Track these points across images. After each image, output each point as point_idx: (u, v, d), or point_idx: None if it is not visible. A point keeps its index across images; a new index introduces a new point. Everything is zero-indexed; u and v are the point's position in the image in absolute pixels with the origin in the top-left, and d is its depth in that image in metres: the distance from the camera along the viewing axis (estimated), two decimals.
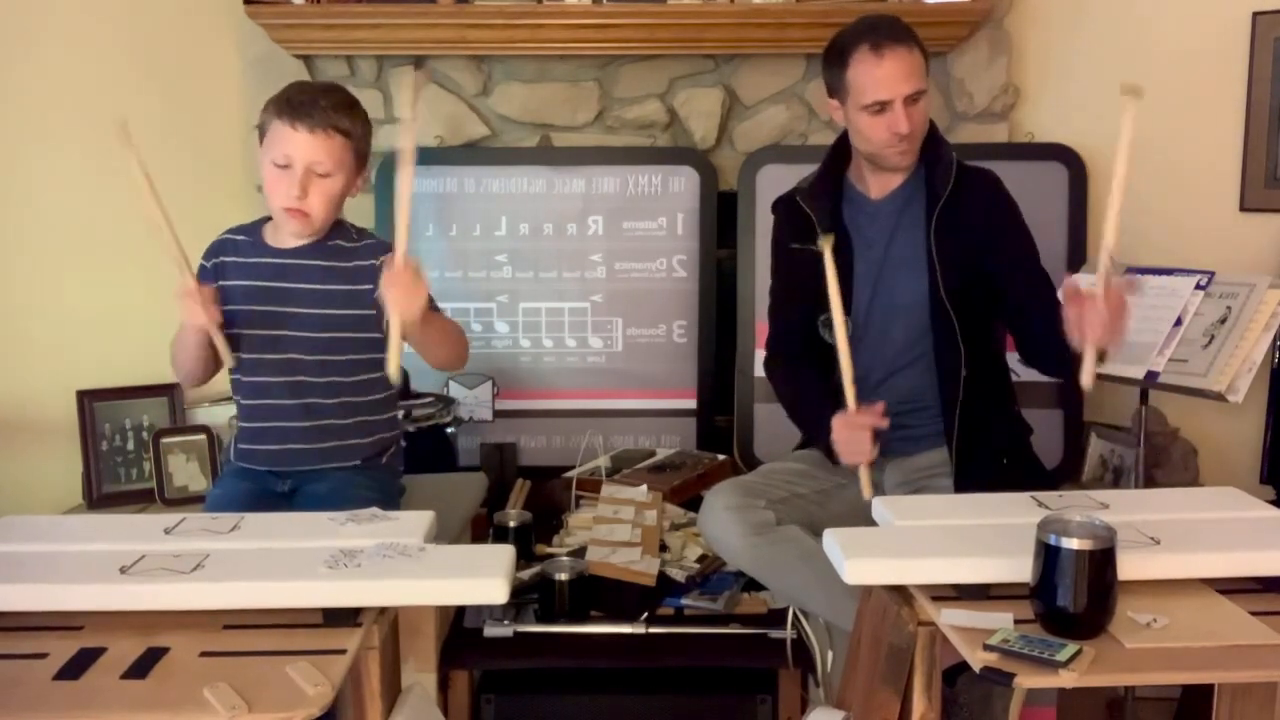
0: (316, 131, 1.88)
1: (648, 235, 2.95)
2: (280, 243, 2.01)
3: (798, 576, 1.98)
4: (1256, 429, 2.79)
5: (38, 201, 2.82)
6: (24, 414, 2.82)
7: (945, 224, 2.03)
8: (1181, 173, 2.90)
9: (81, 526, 1.69)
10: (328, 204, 1.93)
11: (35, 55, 2.77)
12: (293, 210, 1.91)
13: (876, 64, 1.97)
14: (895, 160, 2.05)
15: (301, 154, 1.88)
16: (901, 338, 2.09)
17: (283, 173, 1.90)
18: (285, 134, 1.88)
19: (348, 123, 1.92)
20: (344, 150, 1.92)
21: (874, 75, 1.98)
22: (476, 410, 2.86)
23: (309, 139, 1.88)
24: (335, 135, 1.90)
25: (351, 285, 1.98)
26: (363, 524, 1.61)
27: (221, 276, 2.02)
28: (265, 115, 1.93)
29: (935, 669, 1.46)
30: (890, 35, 1.98)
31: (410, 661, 1.93)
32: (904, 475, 2.12)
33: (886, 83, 1.97)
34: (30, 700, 1.23)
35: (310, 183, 1.90)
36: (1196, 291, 2.23)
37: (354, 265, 1.98)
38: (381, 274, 1.72)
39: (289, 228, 1.96)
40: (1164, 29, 2.87)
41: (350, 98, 1.97)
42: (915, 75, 1.98)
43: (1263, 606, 1.40)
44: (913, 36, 2.01)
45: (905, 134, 1.98)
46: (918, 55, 2.00)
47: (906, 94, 1.97)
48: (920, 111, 2.01)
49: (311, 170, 1.89)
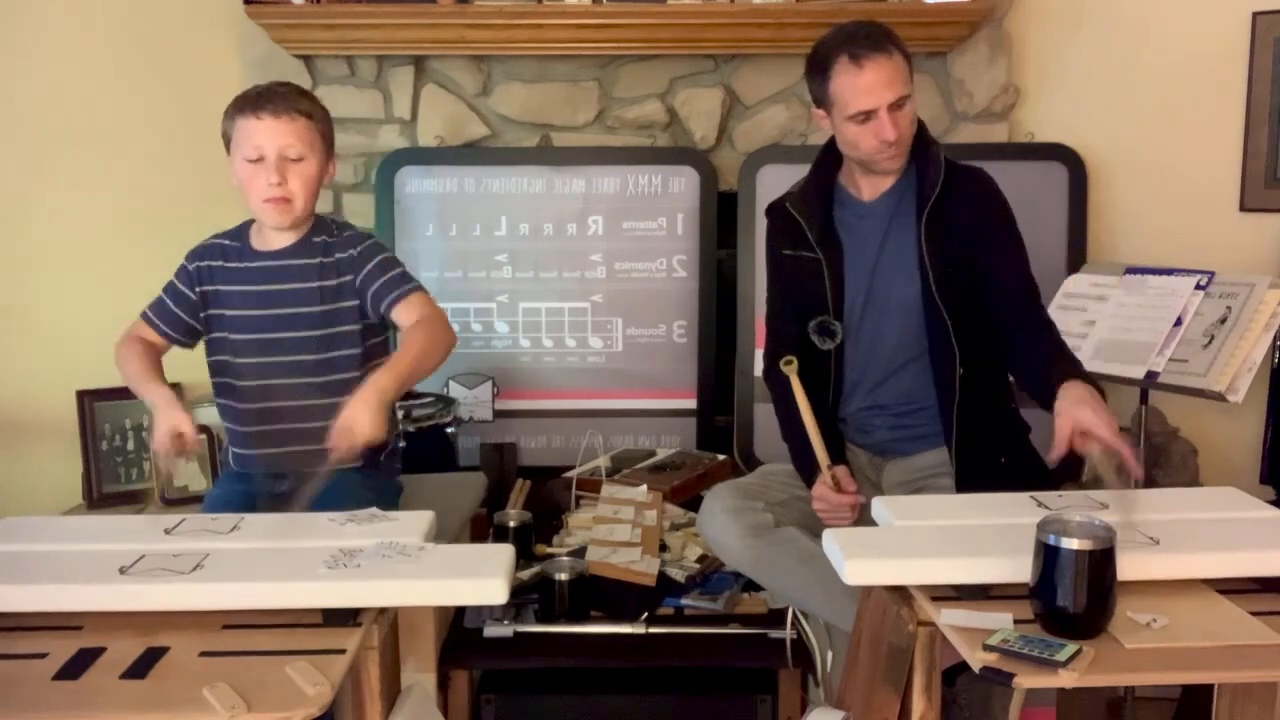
0: (281, 116, 1.91)
1: (648, 235, 2.95)
2: (266, 245, 2.02)
3: (797, 578, 1.98)
4: (1256, 429, 2.79)
5: (38, 202, 2.82)
6: (24, 414, 2.82)
7: (935, 224, 2.02)
8: (1181, 173, 2.90)
9: (81, 526, 1.69)
10: (306, 188, 1.95)
11: (35, 55, 2.77)
12: (274, 200, 1.92)
13: (858, 74, 1.95)
14: (886, 165, 2.05)
15: (271, 141, 1.91)
16: (897, 339, 2.09)
17: (257, 166, 1.92)
18: (252, 126, 1.91)
19: (308, 104, 1.97)
20: (310, 131, 1.95)
21: (856, 86, 1.96)
22: (476, 410, 2.86)
23: (275, 124, 1.91)
24: (299, 118, 1.93)
25: (339, 279, 1.99)
26: (362, 524, 1.61)
27: (206, 281, 2.02)
28: (226, 122, 1.97)
29: (935, 669, 1.46)
30: (869, 44, 1.96)
31: (410, 661, 1.93)
32: (904, 475, 2.12)
33: (869, 92, 1.95)
34: (30, 700, 1.23)
35: (286, 169, 1.92)
36: (1196, 291, 2.23)
37: (335, 259, 2.00)
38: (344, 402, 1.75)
39: (271, 220, 1.96)
40: (1164, 29, 2.87)
41: (301, 87, 2.04)
42: (898, 81, 1.96)
43: (1263, 606, 1.40)
44: (892, 41, 1.98)
45: (892, 140, 1.98)
46: (899, 60, 1.97)
47: (890, 101, 1.95)
48: (906, 115, 2.00)
49: (284, 156, 1.92)
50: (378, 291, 1.97)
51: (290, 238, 2.00)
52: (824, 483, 2.00)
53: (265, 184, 1.91)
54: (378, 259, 1.99)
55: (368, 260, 1.99)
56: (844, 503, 1.99)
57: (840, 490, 2.00)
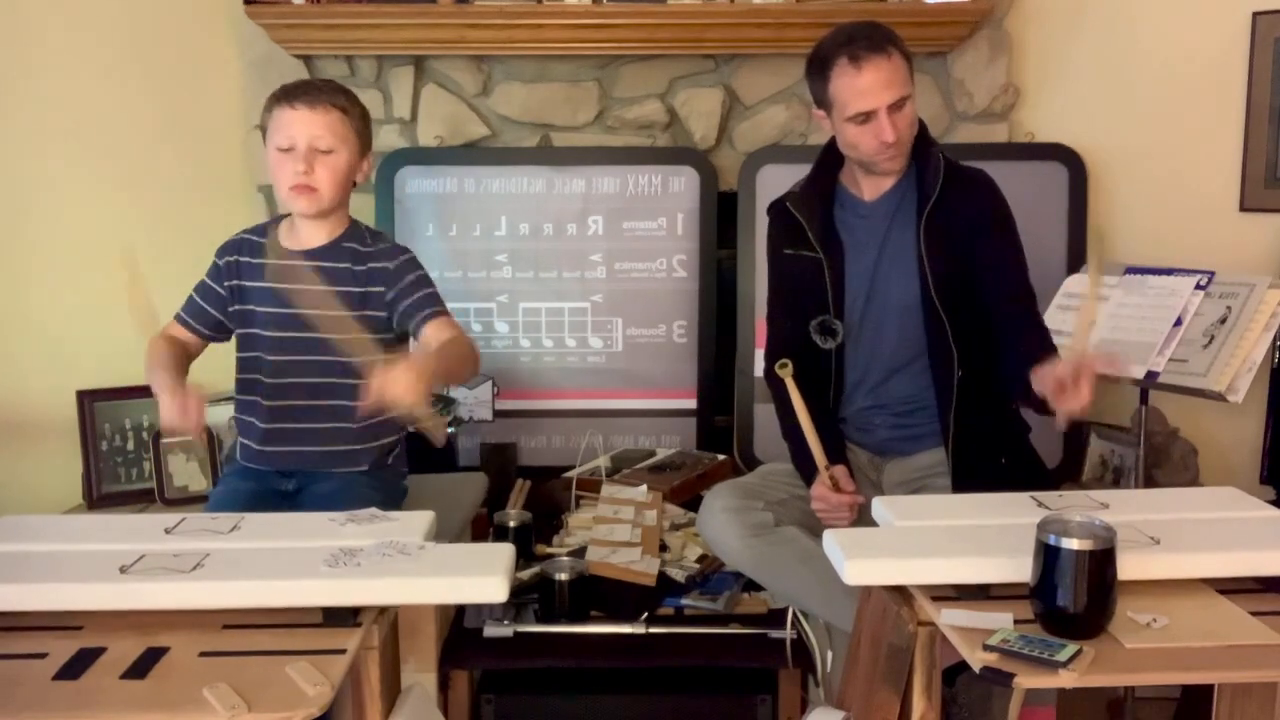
0: (316, 108, 1.94)
1: (648, 235, 2.95)
2: (297, 244, 2.03)
3: (797, 578, 1.98)
4: (1256, 429, 2.79)
5: (38, 202, 2.81)
6: (24, 414, 2.82)
7: (934, 225, 2.02)
8: (1181, 173, 2.90)
9: (81, 526, 1.69)
10: (334, 180, 1.96)
11: (35, 56, 2.77)
12: (300, 186, 1.94)
13: (856, 75, 1.95)
14: (886, 166, 2.05)
15: (302, 131, 1.93)
16: (896, 339, 2.09)
17: (287, 155, 1.94)
18: (286, 116, 1.94)
19: (344, 100, 1.99)
20: (343, 125, 1.96)
21: (855, 87, 1.96)
22: (476, 410, 2.86)
23: (309, 115, 1.93)
24: (333, 110, 1.95)
25: (366, 287, 2.00)
26: (363, 524, 1.61)
27: (234, 276, 2.03)
28: (264, 114, 1.99)
29: (935, 669, 1.46)
30: (868, 45, 1.96)
31: (410, 661, 1.93)
32: (903, 475, 2.12)
33: (868, 94, 1.95)
34: (30, 700, 1.23)
35: (314, 159, 1.94)
36: (1196, 291, 2.23)
37: (368, 268, 2.01)
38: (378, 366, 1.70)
39: (297, 208, 1.98)
40: (1164, 29, 2.87)
41: (343, 85, 2.05)
42: (897, 82, 1.96)
43: (1263, 606, 1.40)
44: (892, 42, 1.98)
45: (891, 141, 1.97)
46: (898, 60, 1.97)
47: (889, 102, 1.95)
48: (906, 117, 1.99)
49: (314, 147, 1.94)
50: (408, 309, 1.99)
51: (322, 238, 2.02)
52: (823, 483, 2.00)
53: (293, 170, 1.93)
54: (413, 276, 2.01)
55: (403, 276, 2.00)
56: (842, 502, 1.99)
57: (839, 490, 2.00)
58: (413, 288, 2.00)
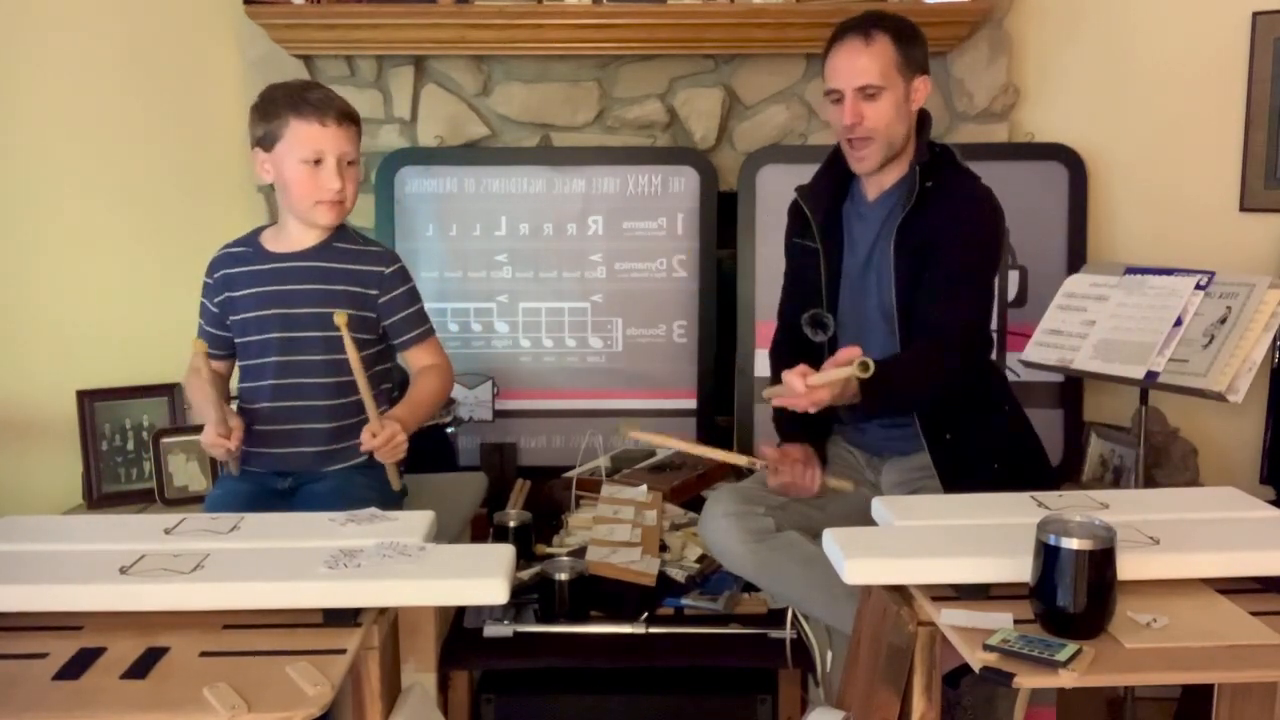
0: (344, 124, 1.97)
1: (648, 235, 2.95)
2: (285, 247, 2.04)
3: (798, 582, 1.98)
4: (1256, 429, 2.79)
5: (38, 202, 2.81)
6: (24, 414, 2.82)
7: (907, 235, 1.99)
8: (1181, 173, 2.90)
9: (81, 526, 1.69)
10: (356, 190, 2.03)
11: (35, 55, 2.77)
12: (330, 202, 1.97)
13: (834, 53, 1.98)
14: (853, 158, 2.02)
15: (334, 147, 1.96)
16: (878, 341, 2.05)
17: (315, 169, 1.96)
18: (315, 132, 1.95)
19: (353, 111, 2.02)
20: (359, 137, 2.03)
21: (830, 64, 1.99)
22: (476, 410, 2.86)
23: (339, 132, 1.96)
24: (354, 125, 2.01)
25: (358, 287, 2.01)
26: (363, 524, 1.61)
27: (224, 290, 2.05)
28: (274, 120, 1.96)
29: (935, 669, 1.46)
30: (853, 26, 1.96)
31: (410, 661, 1.93)
32: (901, 475, 2.11)
33: (837, 73, 1.97)
34: (30, 700, 1.23)
35: (344, 172, 1.98)
36: (1196, 291, 2.23)
37: (359, 269, 2.02)
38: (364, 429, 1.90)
39: (325, 219, 2.00)
40: (1164, 29, 2.87)
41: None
42: (869, 70, 1.94)
43: (1263, 606, 1.40)
44: (882, 29, 1.95)
45: (848, 126, 1.96)
46: (880, 49, 1.94)
47: (854, 87, 1.94)
48: (877, 110, 1.95)
49: (343, 161, 1.97)
50: (397, 325, 2.05)
51: (312, 239, 2.03)
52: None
53: (324, 187, 1.96)
54: (405, 289, 2.06)
55: (395, 286, 2.04)
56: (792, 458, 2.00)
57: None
58: (404, 303, 2.05)
